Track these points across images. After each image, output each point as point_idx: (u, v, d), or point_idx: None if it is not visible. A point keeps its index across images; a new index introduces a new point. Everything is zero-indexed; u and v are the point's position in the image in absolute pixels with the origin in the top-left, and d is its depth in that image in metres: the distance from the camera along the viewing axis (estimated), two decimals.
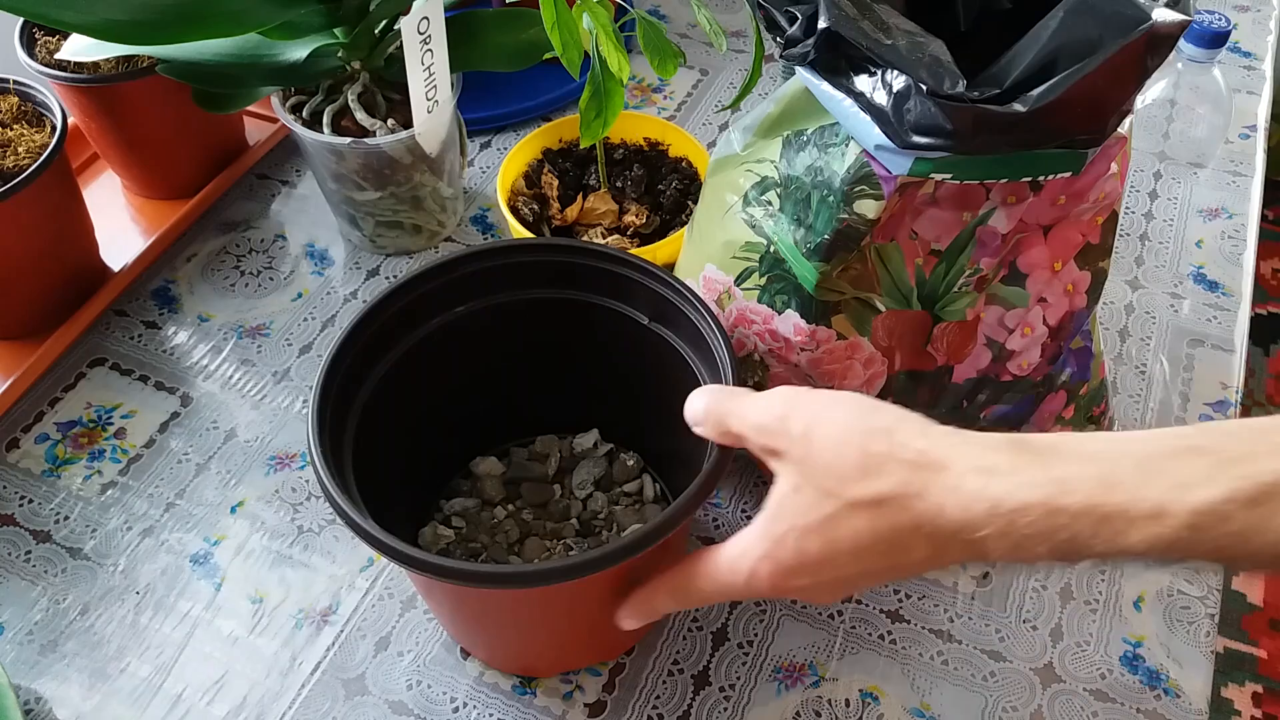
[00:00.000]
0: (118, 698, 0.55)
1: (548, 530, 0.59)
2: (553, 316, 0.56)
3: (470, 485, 0.61)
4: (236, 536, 0.61)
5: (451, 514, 0.59)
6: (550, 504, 0.60)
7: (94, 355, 0.70)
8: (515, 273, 0.55)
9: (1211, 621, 0.57)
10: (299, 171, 0.81)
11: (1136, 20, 0.40)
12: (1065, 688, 0.55)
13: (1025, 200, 0.48)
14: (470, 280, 0.54)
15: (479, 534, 0.58)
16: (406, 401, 0.54)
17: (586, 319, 0.56)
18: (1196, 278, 0.74)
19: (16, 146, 0.64)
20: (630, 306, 0.54)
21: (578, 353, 0.58)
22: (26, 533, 0.61)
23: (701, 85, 0.88)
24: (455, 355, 0.56)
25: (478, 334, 0.56)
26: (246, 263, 0.75)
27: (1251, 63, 0.90)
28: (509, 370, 0.58)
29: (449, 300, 0.54)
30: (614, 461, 0.61)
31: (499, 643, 0.54)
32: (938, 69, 0.41)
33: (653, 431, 0.59)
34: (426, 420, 0.57)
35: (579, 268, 0.54)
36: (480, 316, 0.55)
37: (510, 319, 0.56)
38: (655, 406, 0.54)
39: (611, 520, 0.59)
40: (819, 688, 0.55)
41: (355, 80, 0.69)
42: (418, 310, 0.54)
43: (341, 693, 0.55)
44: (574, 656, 0.55)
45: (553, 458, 0.61)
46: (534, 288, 0.55)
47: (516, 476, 0.61)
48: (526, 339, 0.57)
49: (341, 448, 0.49)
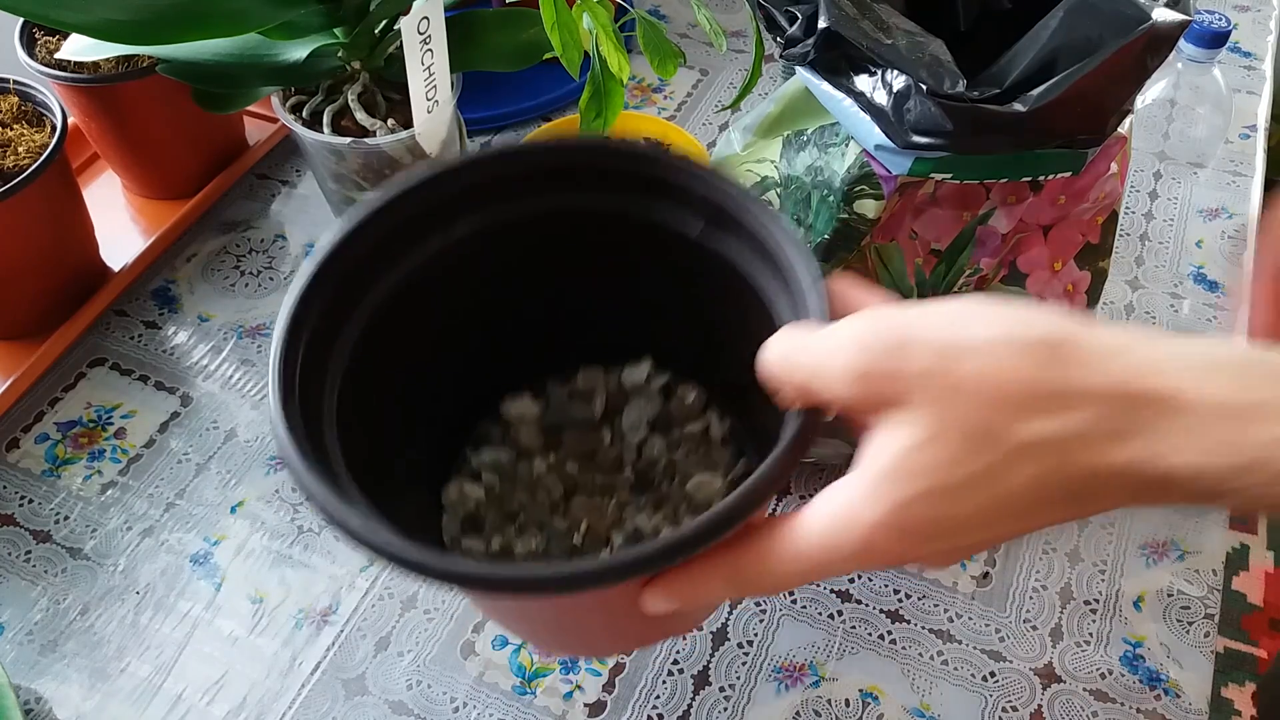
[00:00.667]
0: (118, 698, 0.55)
1: (598, 485, 0.49)
2: (580, 230, 0.47)
3: (501, 432, 0.51)
4: (236, 536, 0.61)
5: (481, 467, 0.50)
6: (599, 453, 0.50)
7: (94, 355, 0.70)
8: (527, 180, 0.45)
9: (1211, 621, 0.57)
10: (299, 171, 0.81)
11: (1136, 20, 0.40)
12: (1065, 688, 0.55)
13: (1025, 200, 0.48)
14: (472, 192, 0.45)
15: (515, 491, 0.49)
16: (410, 337, 0.45)
17: (623, 231, 0.46)
18: (1196, 278, 0.74)
19: (16, 146, 0.64)
20: (678, 214, 0.45)
21: (616, 270, 0.48)
22: (26, 533, 0.61)
23: (701, 85, 0.88)
24: (466, 279, 0.47)
25: (491, 254, 0.46)
26: (247, 263, 0.75)
27: (1251, 63, 0.90)
28: (535, 294, 0.49)
29: (449, 216, 0.45)
30: (671, 397, 0.51)
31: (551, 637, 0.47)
32: (938, 69, 0.41)
33: (716, 359, 0.48)
34: (440, 357, 0.48)
35: (614, 172, 0.45)
36: (490, 233, 0.46)
37: (528, 234, 0.46)
38: (715, 331, 0.46)
39: (673, 469, 0.49)
40: (819, 688, 0.55)
41: (355, 80, 0.69)
42: (412, 229, 0.44)
43: (341, 693, 0.55)
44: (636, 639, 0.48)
45: (598, 395, 0.51)
46: (552, 195, 0.46)
47: (557, 421, 0.51)
48: (551, 256, 0.48)
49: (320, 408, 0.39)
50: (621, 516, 0.48)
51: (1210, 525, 0.61)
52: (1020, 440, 0.29)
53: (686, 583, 0.35)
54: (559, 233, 0.46)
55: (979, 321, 0.30)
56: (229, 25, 0.60)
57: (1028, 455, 0.29)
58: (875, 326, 0.31)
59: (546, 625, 0.45)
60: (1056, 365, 0.29)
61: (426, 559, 0.33)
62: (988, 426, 0.29)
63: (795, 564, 0.33)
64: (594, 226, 0.46)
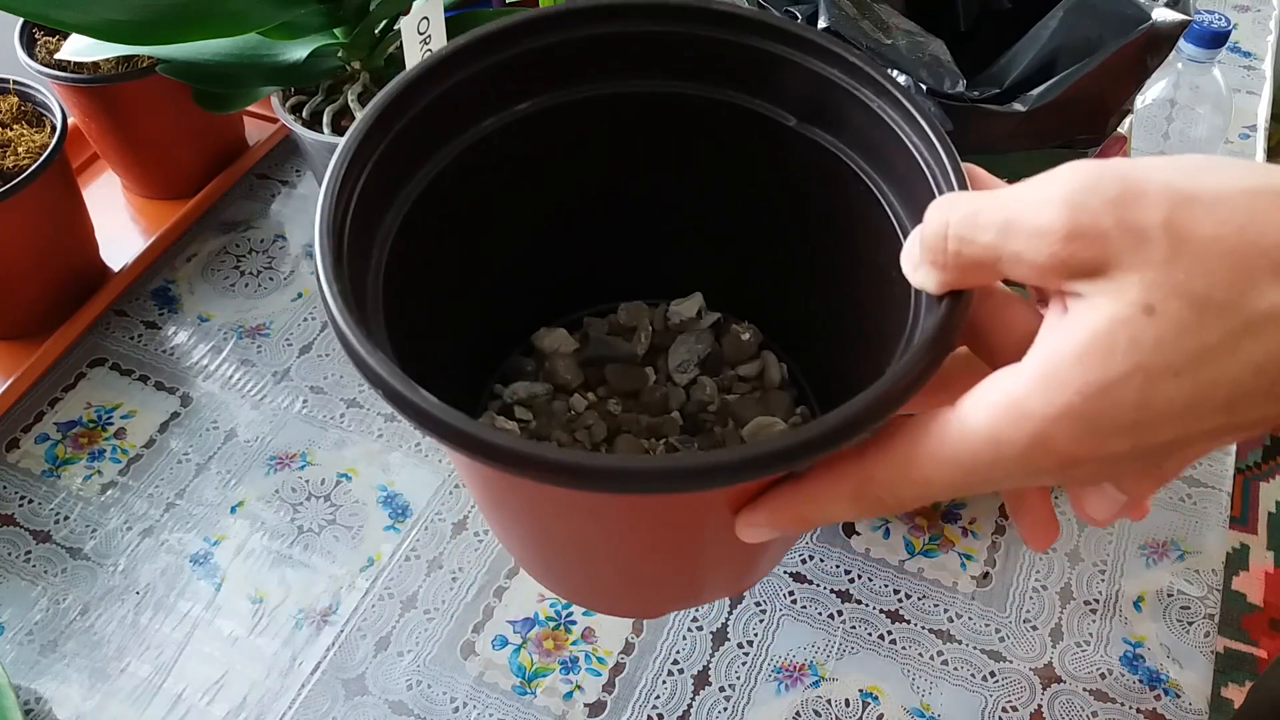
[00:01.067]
0: (118, 698, 0.55)
1: (643, 426, 0.44)
2: (652, 121, 0.39)
3: (535, 365, 0.46)
4: (236, 536, 0.61)
5: (514, 402, 0.45)
6: (643, 392, 0.45)
7: (94, 355, 0.70)
8: (594, 53, 0.38)
9: (1211, 621, 0.57)
10: (299, 171, 0.81)
11: (1136, 20, 0.40)
12: (1065, 688, 0.55)
13: None
14: (543, 60, 0.37)
15: (553, 429, 0.44)
16: (445, 241, 0.39)
17: (700, 124, 0.39)
18: None
19: (16, 146, 0.64)
20: (770, 101, 0.37)
21: (682, 179, 0.41)
22: (26, 533, 0.61)
23: None
24: (510, 177, 0.40)
25: (548, 144, 0.40)
26: (246, 263, 0.75)
27: (1251, 63, 0.90)
28: (585, 205, 0.43)
29: (514, 88, 0.38)
30: (723, 335, 0.46)
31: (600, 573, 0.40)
32: (938, 68, 0.41)
33: (782, 293, 0.43)
34: (473, 270, 0.41)
35: (688, 41, 0.37)
36: (553, 116, 0.39)
37: (593, 122, 0.40)
38: (791, 253, 0.40)
39: (725, 413, 0.45)
40: (819, 688, 0.55)
41: (355, 80, 0.69)
42: (461, 104, 0.37)
43: (341, 693, 0.55)
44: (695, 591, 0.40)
45: (642, 331, 0.47)
46: (621, 78, 0.38)
47: (597, 355, 0.46)
48: (606, 158, 0.41)
49: (364, 293, 0.33)
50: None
51: (1210, 525, 0.61)
52: (1260, 311, 0.24)
53: (803, 498, 0.29)
54: (627, 123, 0.40)
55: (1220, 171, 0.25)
56: (229, 25, 0.60)
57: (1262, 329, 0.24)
58: (1090, 177, 0.25)
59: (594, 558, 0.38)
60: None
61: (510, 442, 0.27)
62: (1225, 293, 0.24)
63: (945, 467, 0.27)
64: (671, 116, 0.39)
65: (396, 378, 0.28)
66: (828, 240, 0.37)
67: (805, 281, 0.39)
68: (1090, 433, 0.25)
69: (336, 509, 0.62)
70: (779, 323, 0.45)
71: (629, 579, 0.39)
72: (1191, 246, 0.24)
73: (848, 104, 0.35)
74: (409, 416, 0.28)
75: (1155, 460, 0.26)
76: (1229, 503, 0.62)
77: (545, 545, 0.38)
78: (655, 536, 0.35)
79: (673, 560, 0.37)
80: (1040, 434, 0.25)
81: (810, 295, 0.38)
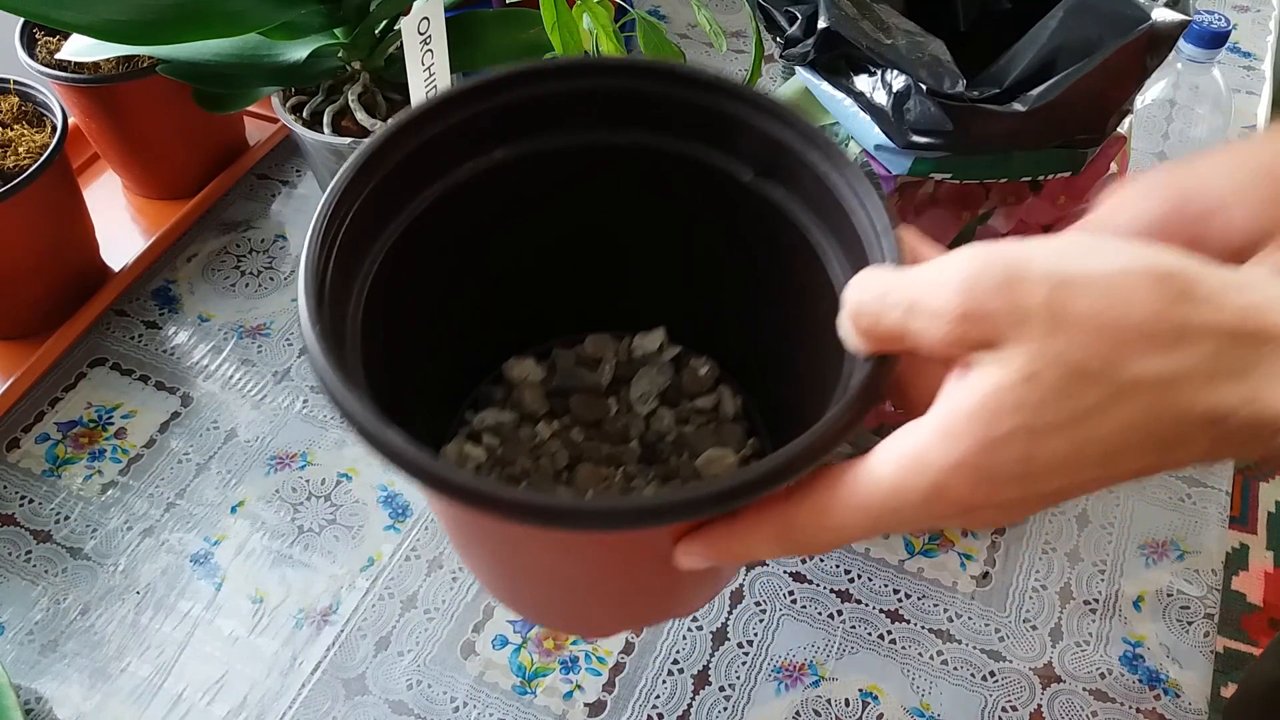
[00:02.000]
0: (118, 697, 0.55)
1: (603, 455, 0.47)
2: (618, 172, 0.43)
3: (504, 394, 0.49)
4: (237, 536, 0.61)
5: (482, 429, 0.47)
6: (605, 421, 0.48)
7: (94, 355, 0.70)
8: (576, 106, 0.41)
9: (1211, 621, 0.57)
10: (299, 172, 0.81)
11: (1136, 20, 0.40)
12: (1065, 687, 0.55)
13: (1025, 200, 0.48)
14: (518, 111, 0.40)
15: (517, 456, 0.47)
16: (422, 278, 0.41)
17: (663, 176, 0.42)
18: None
19: (17, 146, 0.64)
20: (728, 156, 0.40)
21: (644, 225, 0.44)
22: (27, 532, 0.61)
23: None
24: (488, 216, 0.43)
25: (519, 189, 0.43)
26: (247, 263, 0.75)
27: (1251, 63, 0.90)
28: (553, 245, 0.45)
29: (489, 138, 0.41)
30: (683, 369, 0.49)
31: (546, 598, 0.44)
32: (937, 68, 0.41)
33: (737, 330, 0.46)
34: (447, 305, 0.44)
35: (656, 99, 0.40)
36: (524, 164, 0.41)
37: (562, 172, 0.42)
38: (744, 297, 0.43)
39: (682, 443, 0.47)
40: (819, 687, 0.55)
41: (356, 80, 0.69)
42: (437, 155, 0.40)
43: (342, 692, 0.55)
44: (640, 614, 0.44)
45: (606, 363, 0.49)
46: (592, 129, 0.41)
47: (563, 385, 0.49)
48: (579, 202, 0.44)
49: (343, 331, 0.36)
50: (629, 488, 0.46)
51: (1210, 525, 0.61)
52: (1130, 377, 0.27)
53: (733, 535, 0.32)
54: (594, 173, 0.43)
55: (1096, 254, 0.28)
56: (229, 25, 0.60)
57: (1132, 394, 0.27)
58: (980, 264, 0.28)
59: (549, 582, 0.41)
60: (1179, 300, 0.27)
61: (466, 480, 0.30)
62: (1098, 363, 0.27)
63: (856, 514, 0.30)
64: (636, 167, 0.42)
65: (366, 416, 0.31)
66: (775, 289, 0.40)
67: (757, 323, 0.41)
68: (984, 482, 0.28)
69: (337, 509, 0.62)
70: (735, 358, 0.48)
71: (577, 601, 0.42)
72: (1068, 323, 0.27)
73: (798, 165, 0.38)
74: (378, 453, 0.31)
75: (1044, 504, 0.29)
76: (1229, 502, 0.62)
77: (502, 569, 0.41)
78: (602, 564, 0.38)
79: (616, 585, 0.40)
80: (939, 483, 0.28)
81: (761, 336, 0.41)
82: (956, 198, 0.47)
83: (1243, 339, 0.26)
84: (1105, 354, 0.27)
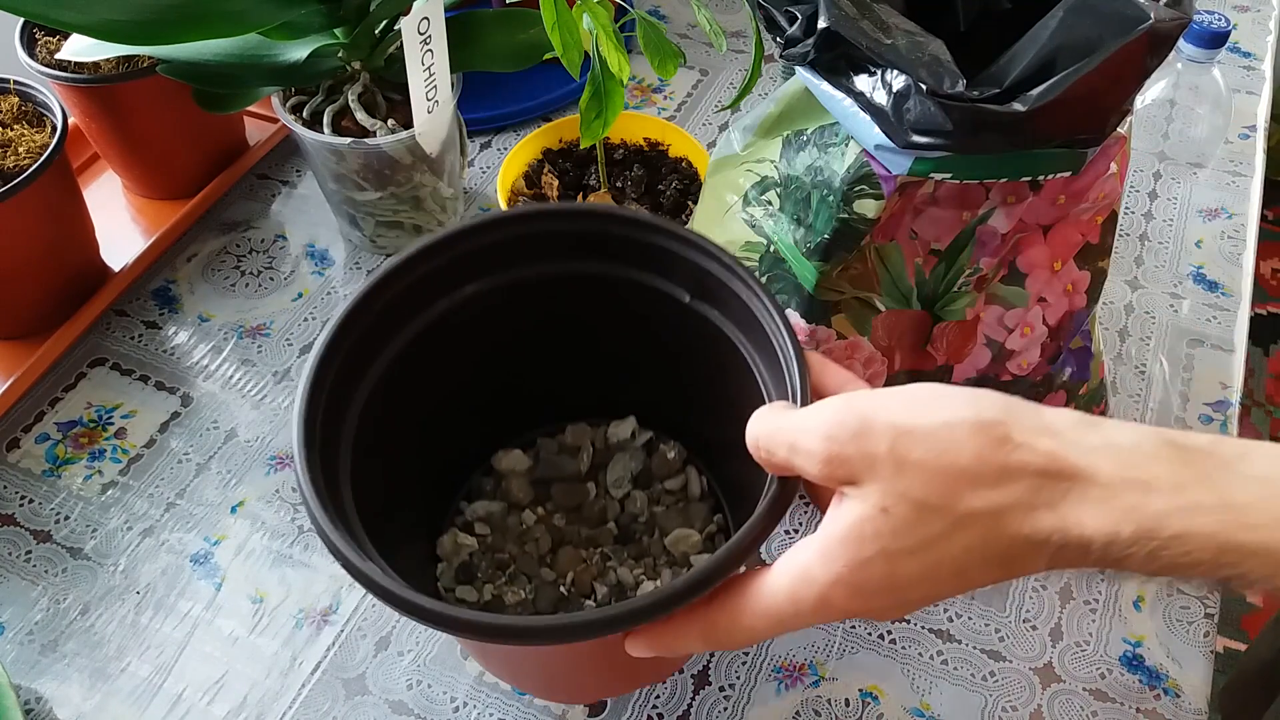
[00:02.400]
0: (118, 697, 0.55)
1: (583, 538, 0.53)
2: (578, 293, 0.49)
3: (494, 484, 0.55)
4: (237, 536, 0.61)
5: (474, 519, 0.54)
6: (584, 506, 0.54)
7: (94, 355, 0.70)
8: (533, 244, 0.48)
9: (1211, 621, 0.57)
10: (299, 172, 0.81)
11: (1136, 20, 0.40)
12: (1065, 687, 0.55)
13: (1025, 200, 0.48)
14: (481, 255, 0.47)
15: (506, 543, 0.53)
16: (416, 392, 0.48)
17: (617, 295, 0.49)
18: (1196, 278, 0.74)
19: (17, 147, 0.64)
20: (669, 281, 0.48)
21: (608, 333, 0.51)
22: (27, 532, 0.61)
23: (701, 85, 0.88)
24: (469, 339, 0.50)
25: (493, 315, 0.49)
26: (247, 263, 0.75)
27: (1251, 63, 0.90)
28: (530, 353, 0.52)
29: (458, 279, 0.48)
30: (653, 453, 0.55)
31: (534, 680, 0.51)
32: (937, 68, 0.41)
33: (698, 418, 0.53)
34: (440, 412, 0.51)
35: (606, 237, 0.47)
36: (495, 295, 0.48)
37: (529, 297, 0.49)
38: (699, 393, 0.49)
39: (653, 523, 0.54)
40: (819, 687, 0.55)
41: (355, 80, 0.69)
42: (423, 291, 0.47)
43: (342, 692, 0.55)
44: (615, 685, 0.52)
45: (585, 451, 0.55)
46: (555, 260, 0.48)
47: (546, 475, 0.55)
48: (548, 318, 0.51)
49: (336, 456, 0.43)
50: (605, 568, 0.52)
51: None
52: (964, 510, 0.32)
53: (667, 634, 0.39)
54: (558, 295, 0.50)
55: (930, 407, 0.34)
56: (229, 25, 0.60)
57: (968, 523, 0.33)
58: (840, 415, 0.35)
59: (538, 671, 0.49)
60: (997, 446, 0.32)
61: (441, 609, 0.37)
62: (937, 499, 0.33)
63: (762, 619, 0.36)
64: (592, 289, 0.49)
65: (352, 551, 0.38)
66: (717, 389, 0.47)
67: (712, 414, 0.47)
68: (857, 594, 0.34)
69: None
70: (699, 441, 0.55)
71: (560, 681, 0.50)
72: (909, 466, 0.33)
73: (725, 290, 0.45)
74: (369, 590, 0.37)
75: (917, 606, 0.35)
76: None
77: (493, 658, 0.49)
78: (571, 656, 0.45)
79: (589, 669, 0.48)
80: (823, 595, 0.35)
81: (718, 424, 0.46)
82: (956, 198, 0.47)
83: (1051, 477, 0.32)
84: (941, 492, 0.32)
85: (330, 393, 0.43)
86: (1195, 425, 0.66)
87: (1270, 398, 1.59)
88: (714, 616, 0.38)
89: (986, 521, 0.32)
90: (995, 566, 0.33)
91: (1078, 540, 0.32)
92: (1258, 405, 1.58)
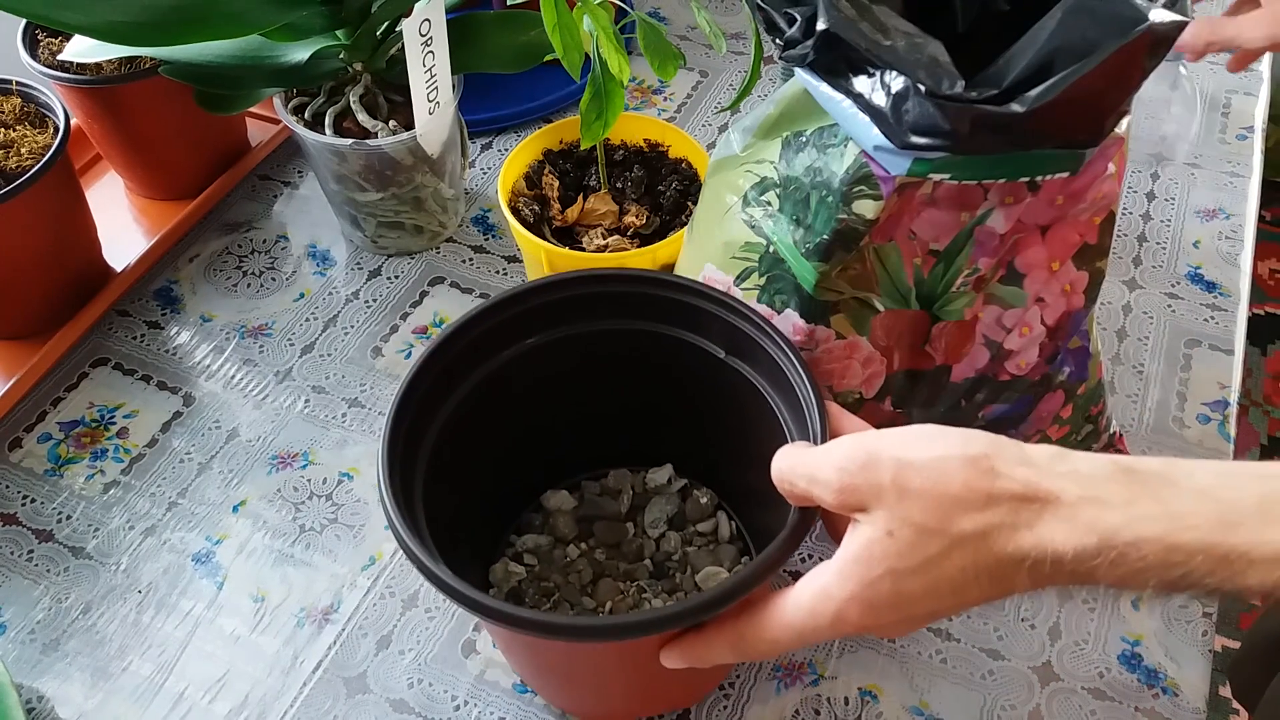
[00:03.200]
0: (120, 696, 0.55)
1: (621, 571, 0.57)
2: (624, 347, 0.55)
3: (542, 520, 0.60)
4: (238, 535, 0.61)
5: (523, 550, 0.58)
6: (623, 543, 0.58)
7: (96, 355, 0.70)
8: (586, 304, 0.54)
9: (1209, 620, 0.57)
10: (301, 172, 0.82)
11: (1134, 21, 0.40)
12: (1064, 686, 0.55)
13: (1023, 200, 0.48)
14: (541, 311, 0.53)
15: (551, 573, 0.57)
16: (478, 435, 0.53)
17: (659, 350, 0.54)
18: (1194, 278, 0.74)
19: (19, 147, 0.64)
20: (705, 339, 0.53)
21: (650, 385, 0.56)
22: (29, 532, 0.61)
23: (701, 87, 0.89)
24: (526, 387, 0.55)
25: (548, 365, 0.55)
26: (249, 263, 0.75)
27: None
28: (580, 401, 0.57)
29: (520, 332, 0.53)
30: (687, 498, 0.60)
31: (573, 691, 0.54)
32: (936, 69, 0.42)
33: (728, 467, 0.58)
34: (498, 454, 0.56)
35: (651, 299, 0.53)
36: (551, 348, 0.54)
37: (581, 350, 0.55)
38: (731, 442, 0.54)
39: (685, 562, 0.58)
40: (818, 686, 0.55)
41: (357, 82, 0.69)
42: (488, 342, 0.53)
43: (343, 691, 0.55)
44: (650, 704, 0.54)
45: (625, 494, 0.60)
46: (605, 318, 0.54)
47: (589, 514, 0.59)
48: (597, 370, 0.56)
49: (412, 487, 0.48)
50: (640, 599, 0.56)
51: None
52: (957, 532, 0.37)
53: (699, 644, 0.43)
54: (606, 349, 0.55)
55: (927, 443, 0.39)
56: (231, 27, 0.60)
57: (962, 543, 0.37)
58: (851, 450, 0.40)
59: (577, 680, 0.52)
60: (983, 475, 0.37)
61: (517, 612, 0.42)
62: (934, 522, 0.37)
63: (785, 631, 0.41)
64: (637, 345, 0.55)
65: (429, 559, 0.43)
66: (747, 440, 0.51)
67: (743, 464, 0.52)
68: (869, 609, 0.39)
69: (338, 508, 0.62)
70: (730, 488, 0.60)
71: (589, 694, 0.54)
72: (909, 494, 0.38)
73: (757, 348, 0.51)
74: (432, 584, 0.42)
75: (924, 623, 0.40)
76: None
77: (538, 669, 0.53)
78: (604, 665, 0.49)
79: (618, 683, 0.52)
80: (839, 611, 0.39)
81: (748, 474, 0.50)
82: (955, 198, 0.47)
83: (1027, 501, 0.36)
84: (938, 516, 0.37)
85: (408, 430, 0.48)
86: (1193, 425, 0.66)
87: (1268, 397, 1.59)
88: (742, 629, 0.42)
89: (976, 542, 0.37)
90: (987, 584, 0.37)
91: (1053, 555, 0.36)
92: (1255, 405, 1.58)
